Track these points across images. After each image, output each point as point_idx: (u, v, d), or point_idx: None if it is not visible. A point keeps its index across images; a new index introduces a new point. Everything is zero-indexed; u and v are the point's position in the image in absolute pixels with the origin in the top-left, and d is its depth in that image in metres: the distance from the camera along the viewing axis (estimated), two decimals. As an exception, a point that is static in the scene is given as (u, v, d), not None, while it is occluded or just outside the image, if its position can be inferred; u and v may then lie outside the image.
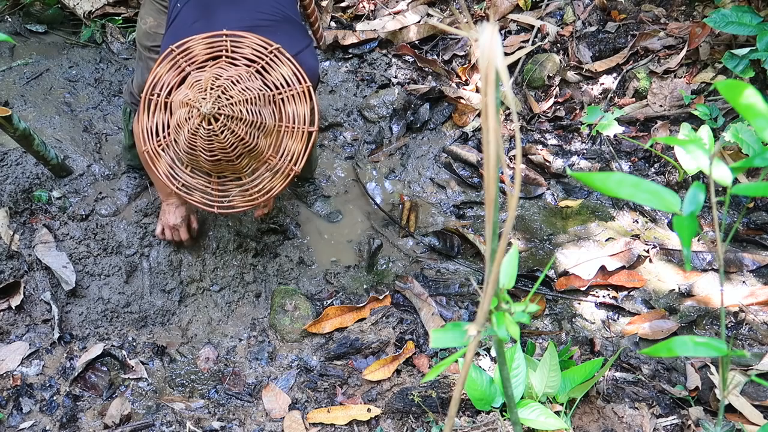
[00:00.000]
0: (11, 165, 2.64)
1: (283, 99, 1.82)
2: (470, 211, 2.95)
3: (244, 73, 1.78)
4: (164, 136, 1.84)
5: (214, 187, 1.88)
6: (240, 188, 1.88)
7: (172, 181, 1.88)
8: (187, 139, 1.75)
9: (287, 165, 1.85)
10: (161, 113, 1.83)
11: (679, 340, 0.89)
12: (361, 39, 3.39)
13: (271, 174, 1.86)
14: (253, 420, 2.15)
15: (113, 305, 2.49)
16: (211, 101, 1.69)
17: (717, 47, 3.02)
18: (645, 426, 1.89)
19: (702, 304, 2.39)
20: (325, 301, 2.56)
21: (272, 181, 1.87)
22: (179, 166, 1.87)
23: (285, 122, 1.82)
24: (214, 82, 1.73)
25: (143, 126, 1.86)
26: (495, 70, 0.64)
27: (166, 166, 1.88)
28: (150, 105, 1.84)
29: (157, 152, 1.86)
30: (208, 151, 1.76)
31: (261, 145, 1.80)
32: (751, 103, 0.80)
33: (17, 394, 2.14)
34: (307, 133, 1.83)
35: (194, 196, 1.89)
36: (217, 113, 1.70)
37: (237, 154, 1.77)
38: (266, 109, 1.78)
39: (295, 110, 1.82)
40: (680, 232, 0.80)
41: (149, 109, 1.84)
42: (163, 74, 1.83)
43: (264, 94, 1.78)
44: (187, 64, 1.82)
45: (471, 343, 0.78)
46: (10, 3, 3.35)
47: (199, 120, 1.71)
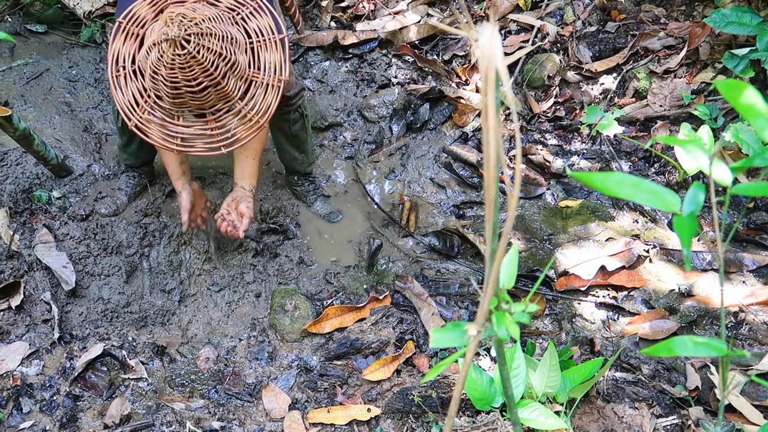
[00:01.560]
0: (11, 165, 2.65)
1: (243, 17, 1.82)
2: (470, 211, 2.95)
3: (196, 5, 1.78)
4: (145, 101, 1.81)
5: (212, 126, 1.84)
6: (238, 116, 1.85)
7: (169, 141, 1.84)
8: (168, 78, 1.72)
9: (274, 77, 1.83)
10: (133, 82, 1.81)
11: (679, 340, 0.89)
12: (361, 39, 3.39)
13: (262, 90, 1.84)
14: (253, 420, 2.15)
15: (113, 305, 2.49)
16: (176, 26, 1.68)
17: (717, 47, 3.02)
18: (645, 426, 1.89)
19: (702, 304, 2.39)
20: (325, 301, 2.56)
21: (266, 98, 1.85)
22: (171, 121, 1.83)
23: (255, 37, 1.82)
24: (171, 16, 1.71)
25: (121, 103, 1.83)
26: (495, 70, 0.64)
27: (158, 130, 1.84)
28: (119, 81, 1.82)
29: (144, 121, 1.83)
30: (192, 80, 1.72)
31: (241, 62, 1.79)
32: (751, 103, 0.80)
33: (17, 394, 2.14)
34: (278, 41, 1.83)
35: (197, 146, 1.86)
36: (186, 35, 1.68)
37: (221, 73, 1.75)
38: (231, 27, 1.78)
39: (258, 24, 1.82)
40: (680, 232, 0.80)
41: (120, 85, 1.82)
42: (120, 47, 1.81)
43: (224, 15, 1.78)
44: (138, 28, 1.80)
45: (471, 343, 0.78)
46: (10, 3, 3.35)
47: (172, 49, 1.68)
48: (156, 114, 1.82)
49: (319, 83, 3.32)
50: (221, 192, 2.79)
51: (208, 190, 2.78)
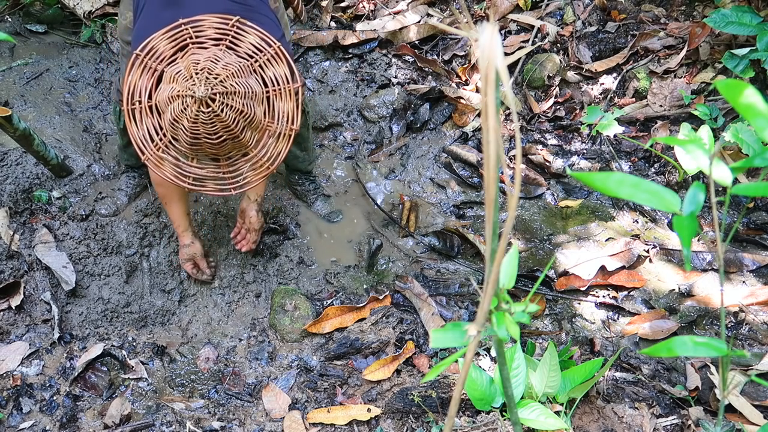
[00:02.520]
0: (11, 165, 2.65)
1: (261, 65, 1.84)
2: (470, 211, 2.95)
3: (217, 52, 1.80)
4: (160, 139, 1.84)
5: (225, 170, 1.90)
6: (249, 163, 1.90)
7: (181, 179, 1.89)
8: (189, 129, 1.76)
9: (286, 126, 1.87)
10: (149, 118, 1.83)
11: (679, 340, 0.89)
12: (361, 39, 3.39)
13: (274, 139, 1.89)
14: (253, 420, 2.15)
15: (113, 305, 2.49)
16: (203, 84, 1.71)
17: (717, 47, 3.02)
18: (645, 426, 1.89)
19: (702, 304, 2.39)
20: (325, 301, 2.56)
21: (277, 146, 1.90)
22: (185, 161, 1.88)
23: (271, 86, 1.85)
24: (196, 67, 1.74)
25: (135, 137, 1.86)
26: (495, 70, 0.64)
27: (171, 168, 1.88)
28: (135, 114, 1.85)
29: (158, 157, 1.86)
30: (212, 134, 1.77)
31: (258, 114, 1.83)
32: (751, 103, 0.80)
33: (17, 394, 2.14)
34: (293, 90, 1.87)
35: (208, 186, 1.90)
36: (212, 94, 1.71)
37: (240, 128, 1.79)
38: (250, 78, 1.81)
39: (275, 73, 1.85)
40: (680, 232, 0.80)
41: (135, 119, 1.85)
42: (137, 80, 1.84)
43: (243, 65, 1.80)
44: (157, 63, 1.82)
45: (471, 343, 0.78)
46: (10, 3, 3.35)
47: (197, 106, 1.72)
48: (170, 153, 1.86)
49: (319, 83, 3.32)
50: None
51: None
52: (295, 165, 2.81)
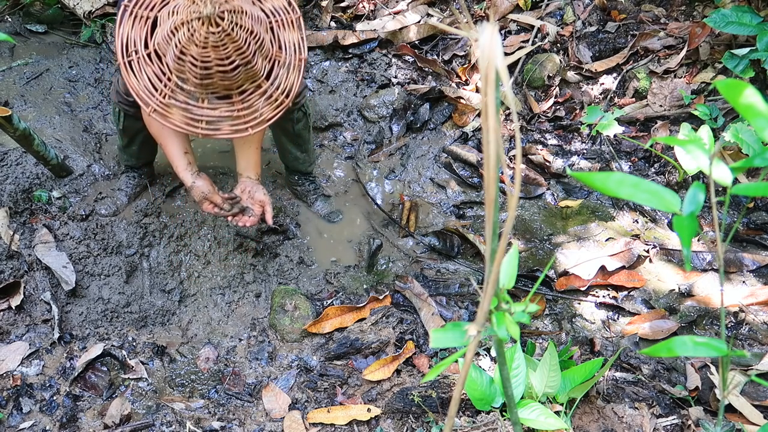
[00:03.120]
0: (11, 165, 2.65)
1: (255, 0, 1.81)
2: (470, 211, 2.95)
3: None
4: (165, 85, 1.77)
5: (239, 107, 1.81)
6: (264, 96, 1.83)
7: (193, 124, 1.80)
8: (199, 57, 1.68)
9: (295, 57, 1.83)
10: (149, 66, 1.77)
11: (679, 340, 0.89)
12: (361, 39, 3.39)
13: (285, 70, 1.84)
14: (253, 420, 2.15)
15: (113, 305, 2.49)
16: (208, 3, 1.64)
17: (717, 47, 3.02)
18: (645, 426, 1.89)
19: (702, 304, 2.39)
20: (325, 301, 2.56)
21: (288, 78, 1.84)
22: (195, 104, 1.79)
23: (272, 17, 1.81)
24: None
25: (136, 89, 1.78)
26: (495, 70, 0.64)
27: (180, 115, 1.79)
28: (132, 66, 1.77)
29: (165, 105, 1.78)
30: (224, 59, 1.70)
31: (266, 41, 1.78)
32: (751, 102, 0.80)
33: (17, 394, 2.14)
34: (294, 20, 1.83)
35: (223, 129, 1.82)
36: (220, 12, 1.65)
37: (252, 52, 1.73)
38: (252, 7, 1.77)
39: (273, 4, 1.82)
40: (680, 232, 0.80)
41: (134, 71, 1.77)
42: (128, 32, 1.77)
43: None
44: (148, 11, 1.77)
45: (471, 343, 0.78)
46: (10, 3, 3.35)
47: (205, 27, 1.65)
48: (178, 98, 1.77)
49: (319, 83, 3.32)
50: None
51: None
52: (295, 166, 2.81)
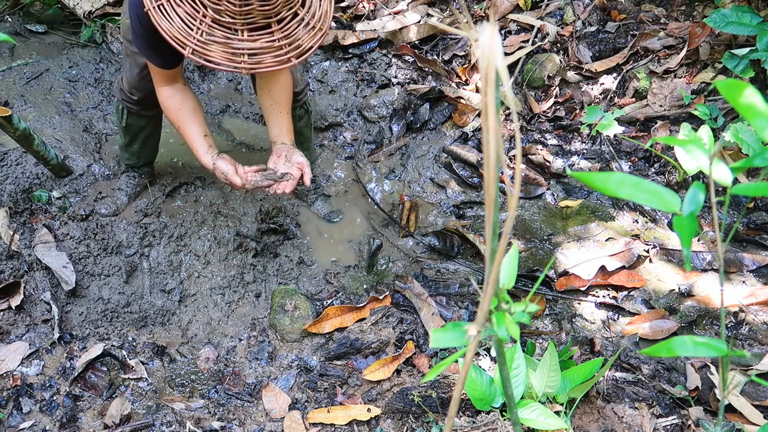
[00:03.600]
0: (11, 165, 2.65)
1: None
2: (470, 211, 2.95)
3: None
4: (200, 21, 1.71)
5: (279, 37, 1.76)
6: (302, 24, 1.78)
7: (235, 59, 1.74)
8: None
9: None
10: (180, 6, 1.70)
11: (679, 340, 0.89)
12: (361, 39, 3.39)
13: None
14: (253, 420, 2.15)
15: (113, 305, 2.49)
16: None
17: (717, 47, 3.02)
18: (645, 426, 1.89)
19: (702, 304, 2.39)
20: (325, 301, 2.56)
21: (321, 5, 1.81)
22: (235, 37, 1.73)
23: None
24: None
25: (170, 32, 1.72)
26: (495, 70, 0.64)
27: (220, 51, 1.73)
28: (163, 10, 1.72)
29: (203, 43, 1.72)
30: None
31: None
32: (751, 102, 0.80)
33: (17, 394, 2.14)
34: None
35: (265, 61, 1.77)
36: None
37: None
38: None
39: None
40: (680, 232, 0.80)
41: (166, 13, 1.71)
42: None
43: None
44: None
45: (471, 343, 0.78)
46: (10, 3, 3.35)
47: None
48: (216, 33, 1.72)
49: (319, 83, 3.32)
50: (221, 192, 2.79)
51: (208, 190, 2.78)
52: None
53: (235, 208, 2.76)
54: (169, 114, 2.17)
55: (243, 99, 3.30)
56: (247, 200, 2.80)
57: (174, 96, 2.13)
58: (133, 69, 2.28)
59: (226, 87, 3.37)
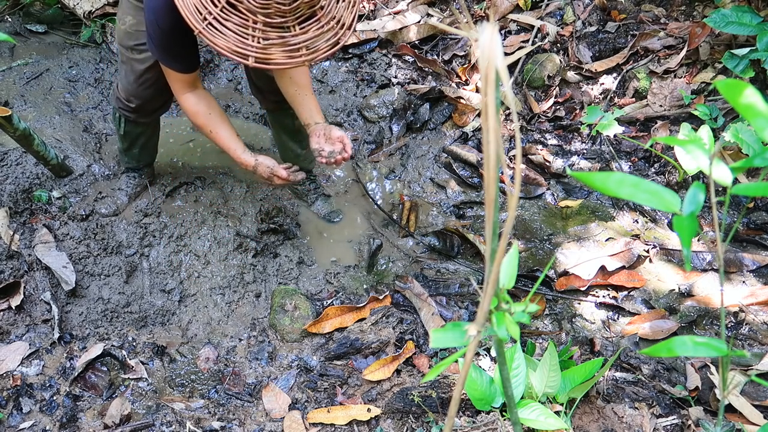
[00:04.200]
0: (11, 165, 2.65)
1: None
2: (470, 211, 2.95)
3: None
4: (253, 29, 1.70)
5: (325, 21, 1.75)
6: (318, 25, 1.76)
7: (295, 56, 1.74)
8: None
9: None
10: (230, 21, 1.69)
11: (679, 340, 0.89)
12: (361, 39, 3.39)
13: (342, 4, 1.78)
14: (253, 420, 2.15)
15: (113, 305, 2.49)
16: None
17: (717, 47, 3.02)
18: (645, 426, 1.89)
19: (702, 304, 2.39)
20: (325, 301, 2.56)
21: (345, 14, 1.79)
22: (289, 34, 1.72)
23: None
24: None
25: (228, 48, 1.70)
26: (495, 70, 0.64)
27: (280, 52, 1.73)
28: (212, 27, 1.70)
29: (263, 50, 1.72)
30: None
31: None
32: (751, 102, 0.80)
33: (17, 394, 2.14)
34: None
35: (320, 48, 1.77)
36: None
37: None
38: None
39: None
40: (680, 232, 0.80)
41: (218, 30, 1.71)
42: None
43: None
44: None
45: (471, 343, 0.78)
46: (10, 3, 3.35)
47: None
48: (271, 36, 1.72)
49: (319, 83, 3.32)
50: (221, 192, 2.79)
51: (208, 190, 2.78)
52: (295, 163, 2.81)
53: (235, 208, 2.76)
54: (198, 119, 2.17)
55: (243, 99, 3.30)
56: (247, 200, 2.80)
57: (200, 101, 2.14)
58: (129, 76, 2.25)
59: (226, 87, 3.37)
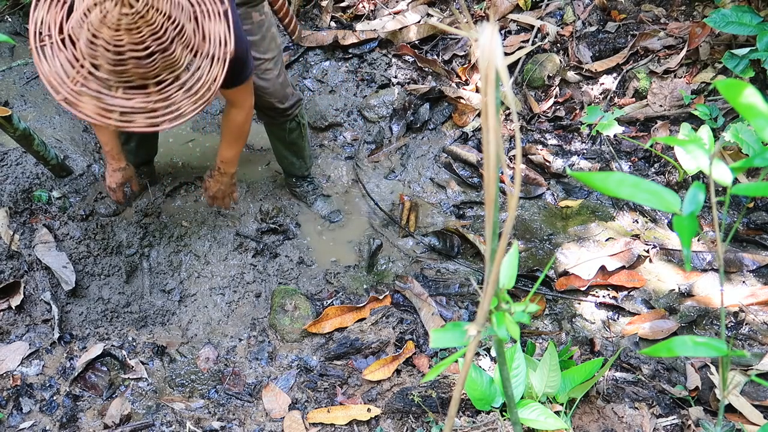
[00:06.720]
0: (11, 165, 2.64)
1: None
2: (470, 211, 2.95)
3: None
4: (77, 71, 1.66)
5: (155, 99, 1.69)
6: (182, 89, 1.71)
7: (105, 115, 1.68)
8: (111, 41, 1.56)
9: (219, 50, 1.72)
10: (62, 52, 1.66)
11: (679, 340, 0.89)
12: (361, 39, 3.39)
13: (208, 62, 1.72)
14: (253, 420, 2.15)
15: (113, 305, 2.49)
16: None
17: (717, 47, 3.02)
18: (645, 426, 1.89)
19: (702, 304, 2.39)
20: (325, 301, 2.56)
21: (211, 71, 1.73)
22: (108, 93, 1.67)
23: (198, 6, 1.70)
24: None
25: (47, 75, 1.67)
26: (495, 70, 0.64)
27: (92, 104, 1.68)
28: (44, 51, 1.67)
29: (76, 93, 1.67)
30: (139, 45, 1.57)
31: (188, 29, 1.66)
32: (751, 102, 0.80)
33: (17, 394, 2.14)
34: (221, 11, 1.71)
35: (137, 121, 1.70)
36: None
37: (169, 38, 1.60)
38: None
39: None
40: (680, 232, 0.80)
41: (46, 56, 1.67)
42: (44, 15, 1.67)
43: None
44: None
45: (471, 343, 0.78)
46: (10, 3, 3.35)
47: (118, 9, 1.52)
48: (90, 85, 1.66)
49: (319, 83, 3.32)
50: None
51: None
52: (291, 171, 2.83)
53: (235, 208, 2.76)
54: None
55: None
56: (247, 200, 2.80)
57: None
58: None
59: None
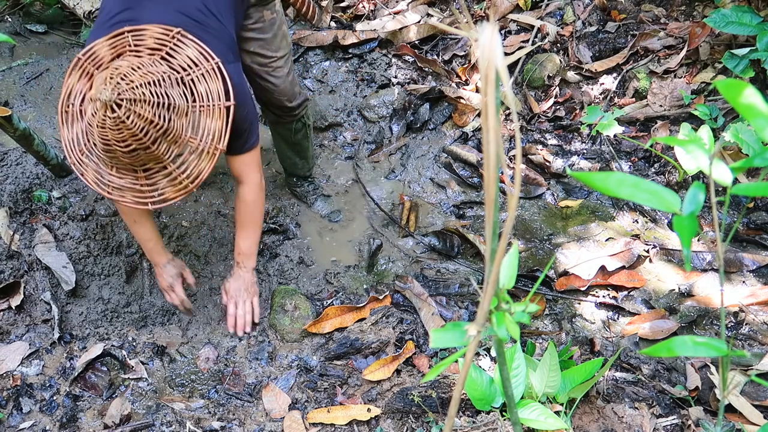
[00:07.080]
0: (11, 165, 2.65)
1: (192, 79, 1.77)
2: (470, 211, 2.95)
3: (146, 60, 1.74)
4: (85, 143, 1.80)
5: (142, 182, 1.82)
6: (168, 178, 1.82)
7: (102, 187, 1.84)
8: (99, 134, 1.70)
9: (211, 144, 1.79)
10: (78, 122, 1.79)
11: (679, 340, 0.89)
12: (361, 39, 3.39)
13: (196, 156, 1.81)
14: (253, 420, 2.15)
15: (113, 305, 2.49)
16: (110, 88, 1.64)
17: (717, 47, 3.02)
18: (645, 426, 1.89)
19: (702, 304, 2.39)
20: (325, 301, 2.56)
21: (199, 164, 1.81)
22: (105, 169, 1.82)
23: (199, 102, 1.78)
24: (114, 72, 1.68)
25: (65, 139, 1.82)
26: (495, 70, 0.64)
27: (93, 174, 1.83)
28: (68, 117, 1.81)
29: (82, 161, 1.82)
30: (120, 141, 1.69)
31: (176, 127, 1.74)
32: (751, 102, 0.80)
33: (17, 394, 2.14)
34: (224, 108, 1.80)
35: (127, 197, 1.84)
36: (118, 99, 1.64)
37: (151, 139, 1.71)
38: (174, 90, 1.73)
39: (207, 88, 1.79)
40: (680, 232, 0.80)
41: (67, 121, 1.81)
42: (75, 83, 1.80)
43: (170, 76, 1.73)
44: (94, 67, 1.78)
45: (471, 343, 0.78)
46: (10, 3, 3.35)
47: (103, 111, 1.65)
48: (93, 158, 1.82)
49: (319, 83, 3.32)
50: (221, 192, 2.79)
51: (208, 190, 2.78)
52: (294, 171, 2.84)
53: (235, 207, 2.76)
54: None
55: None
56: (247, 200, 2.80)
57: None
58: None
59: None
